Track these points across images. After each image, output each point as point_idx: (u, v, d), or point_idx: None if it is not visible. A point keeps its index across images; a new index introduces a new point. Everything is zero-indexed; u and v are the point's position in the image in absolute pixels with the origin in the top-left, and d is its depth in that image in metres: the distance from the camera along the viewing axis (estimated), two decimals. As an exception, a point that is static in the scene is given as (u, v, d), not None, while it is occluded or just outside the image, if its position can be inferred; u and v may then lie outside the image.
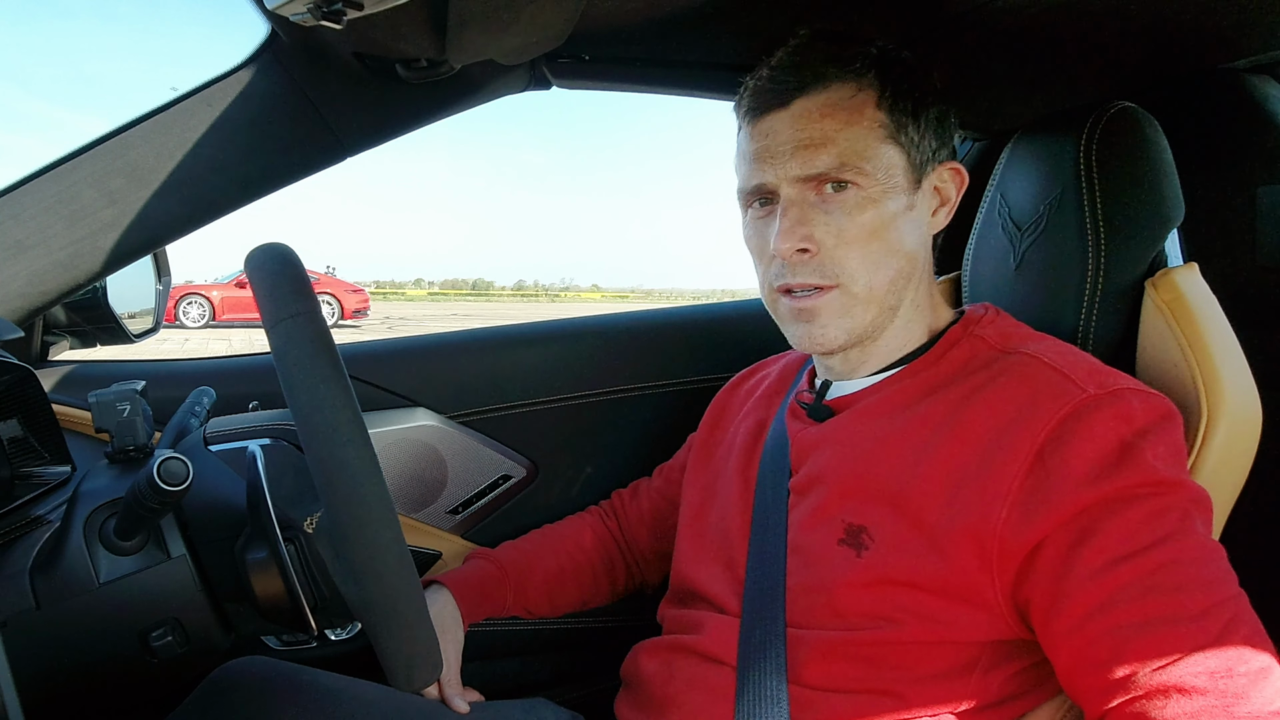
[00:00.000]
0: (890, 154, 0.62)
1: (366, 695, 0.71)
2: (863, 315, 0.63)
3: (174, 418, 0.73)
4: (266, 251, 0.50)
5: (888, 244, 0.62)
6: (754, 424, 0.77)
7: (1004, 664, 0.58)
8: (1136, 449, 0.52)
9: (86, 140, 0.72)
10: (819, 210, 0.62)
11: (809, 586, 0.62)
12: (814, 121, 0.61)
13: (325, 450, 0.45)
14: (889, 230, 0.62)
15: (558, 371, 1.05)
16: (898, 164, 0.62)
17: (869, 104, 0.62)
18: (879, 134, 0.61)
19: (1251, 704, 0.47)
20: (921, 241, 0.65)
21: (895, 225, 0.62)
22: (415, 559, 0.99)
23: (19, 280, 0.70)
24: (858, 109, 0.61)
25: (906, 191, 0.63)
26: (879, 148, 0.61)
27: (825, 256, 0.62)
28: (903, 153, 0.62)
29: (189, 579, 0.56)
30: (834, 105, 0.61)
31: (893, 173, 0.62)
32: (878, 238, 0.62)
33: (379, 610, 0.47)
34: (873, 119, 0.61)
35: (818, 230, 0.62)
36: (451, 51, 0.67)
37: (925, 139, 0.64)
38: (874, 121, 0.61)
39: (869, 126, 0.61)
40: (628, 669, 0.76)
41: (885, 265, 0.62)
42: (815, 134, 0.61)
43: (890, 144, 0.62)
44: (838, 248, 0.62)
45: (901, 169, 0.62)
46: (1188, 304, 0.63)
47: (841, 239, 0.61)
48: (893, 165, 0.62)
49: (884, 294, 0.63)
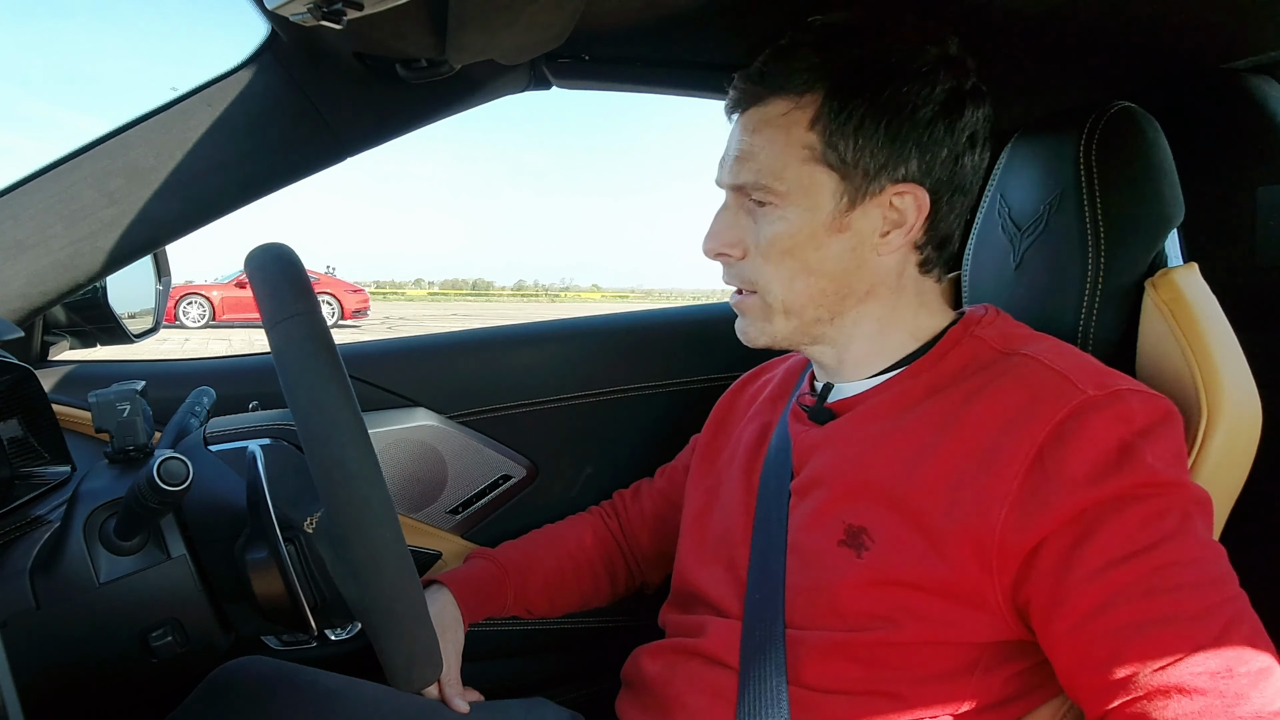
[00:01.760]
0: (814, 175, 0.61)
1: (366, 695, 0.71)
2: (783, 324, 0.66)
3: (174, 418, 0.73)
4: (266, 251, 0.50)
5: (803, 263, 0.63)
6: (758, 427, 0.77)
7: (1004, 665, 0.58)
8: (1136, 450, 0.52)
9: (86, 140, 0.72)
10: (749, 219, 0.65)
11: (809, 587, 0.62)
12: (749, 133, 0.63)
13: (325, 450, 0.45)
14: (804, 250, 0.62)
15: (558, 371, 1.05)
16: (824, 186, 0.61)
17: (799, 124, 0.61)
18: (802, 155, 0.61)
19: (1252, 704, 0.47)
20: (860, 262, 0.63)
21: (812, 246, 0.62)
22: (415, 559, 0.99)
23: (19, 280, 0.70)
24: (785, 128, 0.61)
25: (834, 214, 0.61)
26: (800, 169, 0.61)
27: (746, 263, 0.65)
28: (833, 174, 0.61)
29: (189, 579, 0.56)
30: (764, 122, 0.63)
31: (814, 194, 0.61)
32: (791, 256, 0.63)
33: (379, 610, 0.47)
34: (799, 140, 0.61)
35: (746, 237, 0.65)
36: (451, 51, 0.67)
37: (867, 157, 0.60)
38: (799, 143, 0.61)
39: (793, 146, 0.61)
40: (629, 670, 0.76)
41: (801, 282, 0.63)
42: (745, 147, 0.63)
43: (815, 165, 0.61)
44: (755, 258, 0.65)
45: (830, 191, 0.61)
46: (1188, 304, 0.63)
47: (758, 250, 0.64)
48: (816, 186, 0.61)
49: (803, 308, 0.64)
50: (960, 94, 0.61)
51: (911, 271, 0.66)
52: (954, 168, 0.62)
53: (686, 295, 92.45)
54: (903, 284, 0.66)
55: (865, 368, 0.67)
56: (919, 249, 0.65)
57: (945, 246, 0.66)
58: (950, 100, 0.61)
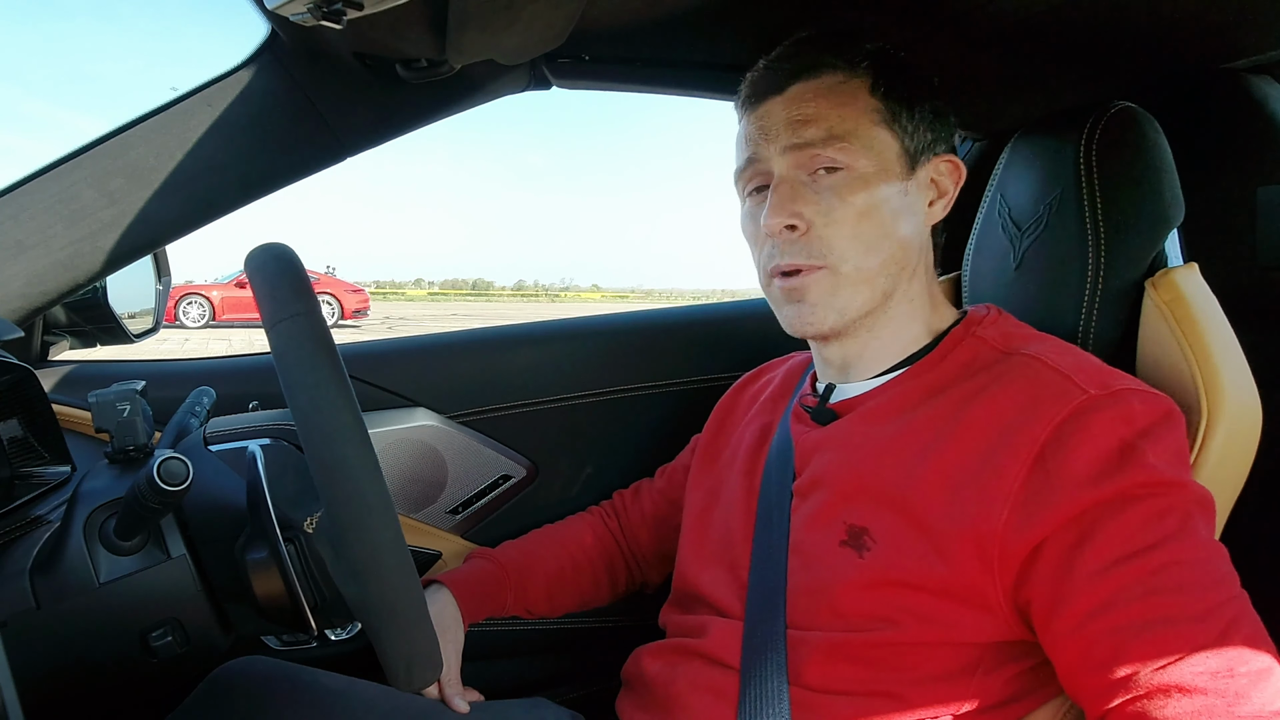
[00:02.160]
0: (883, 137, 0.63)
1: (366, 695, 0.71)
2: (852, 296, 0.64)
3: (174, 418, 0.73)
4: (266, 251, 0.50)
5: (879, 226, 0.62)
6: (759, 428, 0.77)
7: (1005, 665, 0.58)
8: (1138, 449, 0.52)
9: (86, 140, 0.72)
10: (810, 190, 0.63)
11: (810, 587, 0.62)
12: (807, 102, 0.63)
13: (325, 450, 0.45)
14: (879, 212, 0.62)
15: (558, 371, 1.05)
16: (891, 148, 0.63)
17: (862, 90, 0.63)
18: (872, 117, 0.63)
19: (1253, 704, 0.47)
20: (916, 230, 0.65)
21: (887, 208, 0.63)
22: (415, 559, 0.99)
23: (19, 280, 0.70)
24: (851, 93, 0.63)
25: (900, 177, 0.64)
26: (871, 129, 0.63)
27: (814, 235, 0.63)
28: (896, 138, 0.63)
29: (189, 579, 0.56)
30: (827, 89, 0.63)
31: (885, 155, 0.63)
32: (868, 219, 0.62)
33: (379, 610, 0.47)
34: (866, 103, 0.63)
35: (807, 209, 0.63)
36: (451, 51, 0.67)
37: (920, 130, 0.65)
38: (867, 105, 0.63)
39: (861, 109, 0.63)
40: (630, 670, 0.76)
41: (876, 248, 0.63)
42: (808, 112, 0.63)
43: (883, 128, 0.63)
44: (827, 227, 0.62)
45: (895, 154, 0.63)
46: (1188, 304, 0.63)
47: (831, 219, 0.62)
48: (885, 148, 0.63)
49: (874, 276, 0.63)
50: None
51: (929, 256, 0.69)
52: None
53: (687, 295, 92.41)
54: (928, 266, 0.68)
55: (873, 366, 0.68)
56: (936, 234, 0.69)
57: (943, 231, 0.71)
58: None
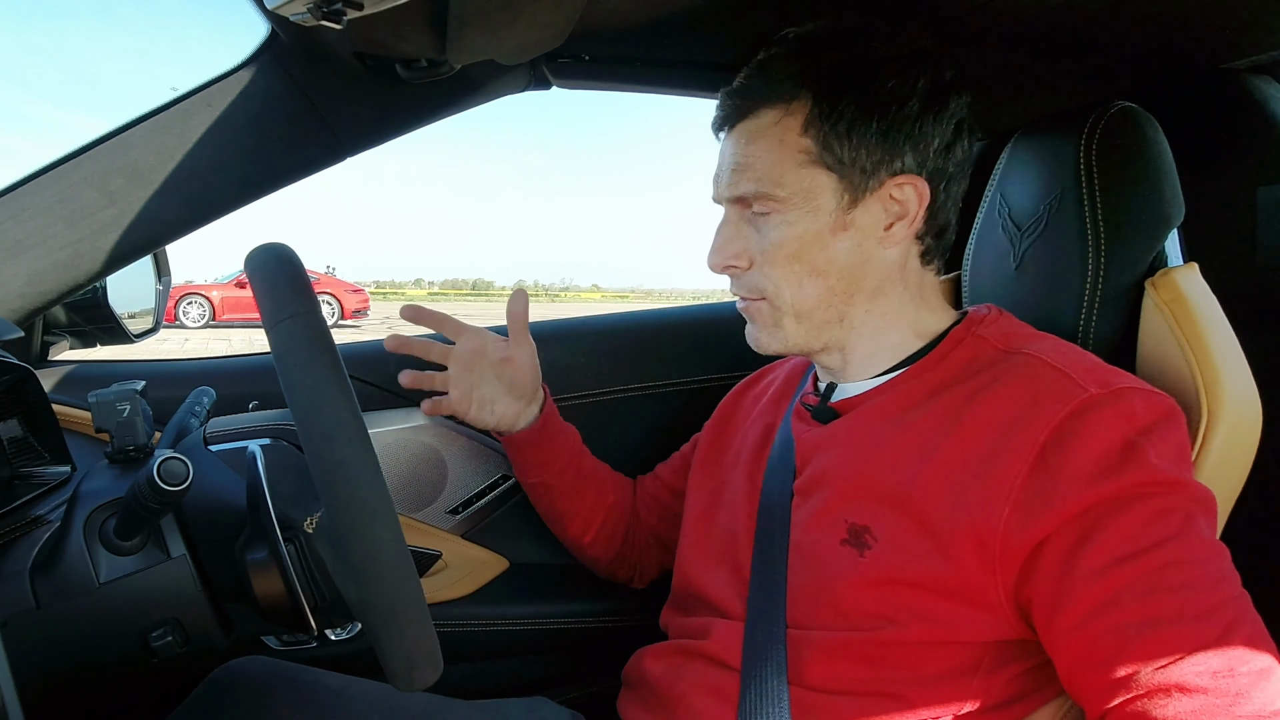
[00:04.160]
0: (815, 177, 0.62)
1: (366, 695, 0.71)
2: (794, 328, 0.66)
3: (174, 418, 0.73)
4: (266, 251, 0.50)
5: (811, 264, 0.64)
6: (761, 428, 0.77)
7: (1007, 665, 0.58)
8: (1139, 448, 0.52)
9: (86, 140, 0.72)
10: (751, 228, 0.66)
11: (811, 586, 0.62)
12: (743, 146, 0.64)
13: (325, 450, 0.45)
14: (810, 252, 0.63)
15: (558, 371, 1.05)
16: (824, 187, 0.62)
17: (792, 130, 0.62)
18: (799, 159, 0.62)
19: (1253, 703, 0.47)
20: (866, 257, 0.64)
21: (818, 246, 0.63)
22: (415, 559, 0.99)
23: (19, 280, 0.70)
24: (778, 136, 0.63)
25: (838, 212, 0.63)
26: (799, 172, 0.62)
27: (754, 273, 0.66)
28: (831, 174, 0.62)
29: (189, 579, 0.56)
30: (758, 133, 0.64)
31: (815, 196, 0.62)
32: (798, 259, 0.64)
33: (379, 610, 0.47)
34: (794, 144, 0.62)
35: (750, 246, 0.66)
36: (451, 51, 0.67)
37: (863, 154, 0.61)
38: (794, 147, 0.62)
39: (790, 152, 0.62)
40: (631, 670, 0.76)
41: (809, 284, 0.64)
42: (741, 159, 0.64)
43: (814, 168, 0.62)
44: (764, 266, 0.65)
45: (830, 191, 0.62)
46: (1188, 304, 0.63)
47: (766, 258, 0.65)
48: (816, 188, 0.62)
49: (813, 309, 0.65)
50: (942, 85, 0.63)
51: (914, 264, 0.67)
52: (946, 156, 0.64)
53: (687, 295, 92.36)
54: (906, 277, 0.67)
55: (869, 367, 0.68)
56: (920, 239, 0.66)
57: (943, 235, 0.68)
58: (933, 92, 0.62)
